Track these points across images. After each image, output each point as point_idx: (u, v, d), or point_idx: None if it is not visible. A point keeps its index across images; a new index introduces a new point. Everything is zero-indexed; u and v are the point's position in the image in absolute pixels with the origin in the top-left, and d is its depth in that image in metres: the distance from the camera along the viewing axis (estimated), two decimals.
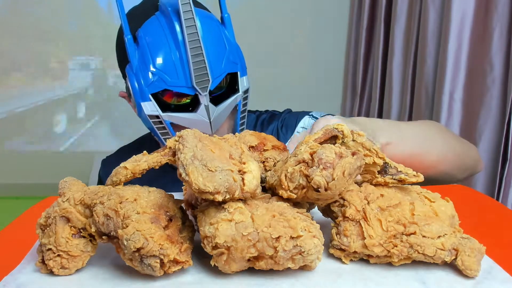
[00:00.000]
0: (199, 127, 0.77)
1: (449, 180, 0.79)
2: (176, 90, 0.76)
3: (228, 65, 0.79)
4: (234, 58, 0.81)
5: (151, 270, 0.38)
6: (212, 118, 0.77)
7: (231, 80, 0.81)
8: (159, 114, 0.77)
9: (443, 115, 1.28)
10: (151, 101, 0.76)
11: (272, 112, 1.01)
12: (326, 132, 0.44)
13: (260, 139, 0.50)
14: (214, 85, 0.77)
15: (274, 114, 0.99)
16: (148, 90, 0.76)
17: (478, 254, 0.39)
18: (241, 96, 0.81)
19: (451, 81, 1.26)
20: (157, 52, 0.75)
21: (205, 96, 0.75)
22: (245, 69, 0.83)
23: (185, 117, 0.77)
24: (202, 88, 0.75)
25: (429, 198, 0.44)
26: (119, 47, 0.83)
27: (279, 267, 0.38)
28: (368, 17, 1.83)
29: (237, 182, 0.38)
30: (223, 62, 0.78)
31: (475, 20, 1.22)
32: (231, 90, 0.81)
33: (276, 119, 0.96)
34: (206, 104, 0.76)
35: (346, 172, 0.37)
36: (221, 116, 0.79)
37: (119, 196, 0.40)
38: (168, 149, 0.43)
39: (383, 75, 1.71)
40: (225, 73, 0.78)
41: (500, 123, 1.15)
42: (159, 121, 0.78)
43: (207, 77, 0.74)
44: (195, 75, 0.74)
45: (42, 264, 0.41)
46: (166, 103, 0.78)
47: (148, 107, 0.77)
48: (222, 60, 0.78)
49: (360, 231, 0.41)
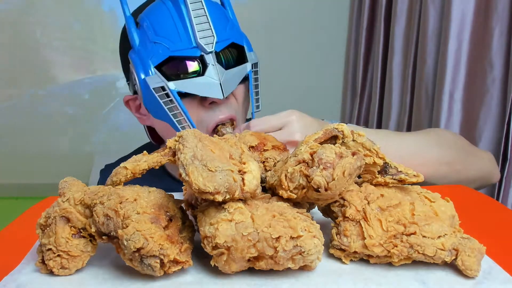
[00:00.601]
0: (209, 91, 0.73)
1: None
2: (181, 54, 0.73)
3: (233, 35, 0.77)
4: (240, 33, 0.80)
5: (151, 270, 0.38)
6: (222, 79, 0.73)
7: (239, 54, 0.79)
8: (165, 84, 0.72)
9: (443, 115, 1.28)
10: (156, 73, 0.73)
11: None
12: (326, 132, 0.44)
13: (260, 139, 0.50)
14: (220, 47, 0.74)
15: None
16: (152, 62, 0.73)
17: (478, 254, 0.39)
18: (250, 67, 0.79)
19: (451, 81, 1.26)
20: (159, 23, 0.74)
21: (210, 54, 0.73)
22: (250, 47, 0.82)
23: (193, 82, 0.73)
24: (207, 45, 0.72)
25: (429, 198, 0.44)
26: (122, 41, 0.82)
27: (279, 267, 0.38)
28: (368, 17, 1.82)
29: (237, 182, 0.38)
30: (226, 29, 0.77)
31: (475, 20, 1.22)
32: (240, 61, 0.79)
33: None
34: (214, 64, 0.73)
35: (346, 172, 0.37)
36: (231, 81, 0.76)
37: (119, 196, 0.40)
38: (168, 149, 0.43)
39: (383, 75, 1.71)
40: (230, 39, 0.76)
41: (500, 123, 1.15)
42: (165, 94, 0.73)
43: (211, 34, 0.72)
44: (198, 31, 0.71)
45: (42, 264, 0.41)
46: (173, 76, 0.74)
47: (153, 80, 0.73)
48: (225, 27, 0.77)
49: (360, 231, 0.41)
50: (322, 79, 2.18)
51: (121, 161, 1.06)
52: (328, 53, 2.18)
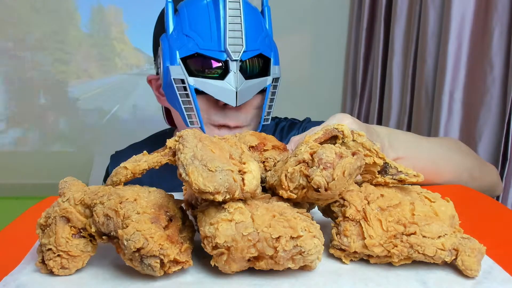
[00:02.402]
0: (224, 96, 0.75)
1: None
2: (207, 54, 0.74)
3: (263, 46, 0.79)
4: (270, 45, 0.81)
5: (151, 270, 0.38)
6: (239, 88, 0.75)
7: (264, 65, 0.81)
8: (185, 77, 0.75)
9: (443, 115, 1.28)
10: (180, 65, 0.75)
11: (292, 121, 1.01)
12: (326, 132, 0.44)
13: (260, 139, 0.50)
14: (247, 56, 0.76)
15: (294, 123, 0.99)
16: (179, 53, 0.75)
17: (478, 254, 0.39)
18: (271, 81, 0.81)
19: (451, 81, 1.26)
20: (195, 18, 0.76)
21: (235, 62, 0.74)
22: (277, 60, 0.83)
23: (211, 83, 0.75)
24: (234, 53, 0.74)
25: (429, 198, 0.44)
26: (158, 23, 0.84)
27: (279, 267, 0.38)
28: (368, 17, 1.82)
29: (237, 182, 0.38)
30: (258, 40, 0.78)
31: (475, 20, 1.22)
32: (263, 73, 0.80)
33: (296, 127, 0.96)
34: (235, 72, 0.74)
35: (346, 172, 0.37)
36: (248, 91, 0.77)
37: (119, 196, 0.40)
38: (168, 149, 0.43)
39: (383, 75, 1.71)
40: (258, 50, 0.77)
41: (500, 123, 1.15)
42: (183, 87, 0.76)
43: (241, 42, 0.74)
44: (229, 38, 0.73)
45: (42, 264, 0.41)
46: (195, 72, 0.76)
47: (176, 70, 0.75)
48: (257, 38, 0.78)
49: (360, 231, 0.41)
50: (322, 79, 2.18)
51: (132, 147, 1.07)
52: (328, 53, 2.18)
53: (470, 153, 0.83)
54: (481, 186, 0.78)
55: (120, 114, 2.24)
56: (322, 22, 2.17)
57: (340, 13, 2.11)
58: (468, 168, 0.76)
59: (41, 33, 2.15)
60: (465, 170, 0.75)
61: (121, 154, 1.02)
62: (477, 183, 0.77)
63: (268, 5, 0.83)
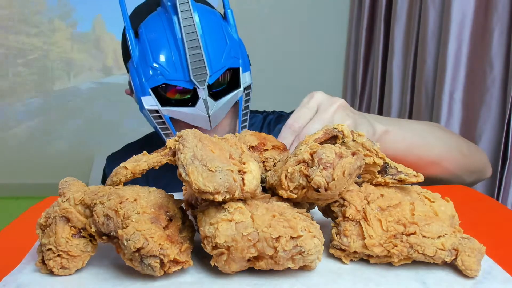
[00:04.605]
0: (197, 122, 0.77)
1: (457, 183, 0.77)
2: (175, 84, 0.76)
3: (228, 60, 0.78)
4: (236, 53, 0.80)
5: (151, 270, 0.38)
6: (211, 113, 0.76)
7: (233, 76, 0.80)
8: (158, 108, 0.77)
9: (443, 115, 1.28)
10: (151, 95, 0.76)
11: (279, 113, 1.01)
12: (326, 132, 0.44)
13: (260, 139, 0.50)
14: (213, 79, 0.76)
15: (281, 115, 0.99)
16: (148, 85, 0.76)
17: (478, 254, 0.39)
18: (242, 92, 0.81)
19: (451, 81, 1.26)
20: (156, 47, 0.76)
21: (203, 90, 0.75)
22: (247, 65, 0.83)
23: (183, 112, 0.77)
24: (200, 81, 0.75)
25: (429, 198, 0.44)
26: (123, 43, 0.84)
27: (279, 267, 0.38)
28: (368, 17, 1.83)
29: (237, 182, 0.38)
30: (223, 57, 0.77)
31: (475, 20, 1.22)
32: (233, 85, 0.80)
33: (283, 119, 0.97)
34: (204, 98, 0.76)
35: (346, 172, 0.37)
36: (221, 111, 0.79)
37: (119, 196, 0.40)
38: (168, 149, 0.43)
39: (383, 75, 1.71)
40: (224, 67, 0.77)
41: (500, 123, 1.15)
42: (158, 116, 0.78)
43: (204, 71, 0.74)
44: (192, 69, 0.74)
45: (42, 264, 0.41)
46: (166, 98, 0.77)
47: (148, 102, 0.77)
48: (222, 55, 0.77)
49: (360, 231, 0.41)
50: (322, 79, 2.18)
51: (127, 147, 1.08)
52: (328, 53, 2.18)
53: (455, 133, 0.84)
54: (472, 164, 0.79)
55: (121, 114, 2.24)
56: (322, 22, 2.17)
57: (340, 13, 2.11)
58: (456, 143, 0.77)
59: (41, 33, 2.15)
60: (453, 144, 0.76)
61: (117, 155, 1.02)
62: (467, 160, 0.77)
63: (230, 7, 0.82)
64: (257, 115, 1.01)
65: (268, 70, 2.15)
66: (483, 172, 0.83)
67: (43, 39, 2.16)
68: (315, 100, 0.61)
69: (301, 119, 0.59)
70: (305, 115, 0.59)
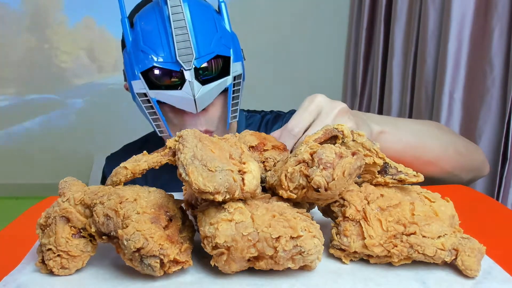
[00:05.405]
0: (184, 105, 0.78)
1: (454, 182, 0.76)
2: (162, 66, 0.77)
3: (218, 47, 0.79)
4: (227, 43, 0.81)
5: (151, 270, 0.38)
6: (196, 95, 0.77)
7: (224, 65, 0.81)
8: (146, 91, 0.78)
9: (443, 115, 1.28)
10: (140, 79, 0.78)
11: (277, 113, 1.01)
12: (326, 132, 0.44)
13: (260, 139, 0.50)
14: (201, 63, 0.77)
15: (279, 115, 0.99)
16: (138, 68, 0.77)
17: (478, 254, 0.39)
18: (232, 80, 0.81)
19: (451, 81, 1.26)
20: (147, 33, 0.78)
21: (189, 71, 0.76)
22: (239, 55, 0.83)
23: (170, 94, 0.78)
24: (186, 63, 0.75)
25: (429, 198, 0.44)
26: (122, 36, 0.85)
27: (279, 267, 0.38)
28: (368, 17, 1.83)
29: (237, 182, 0.38)
30: (211, 42, 0.78)
31: (475, 20, 1.22)
32: (222, 74, 0.81)
33: (280, 119, 0.97)
34: (190, 80, 0.76)
35: (346, 172, 0.37)
36: (208, 96, 0.79)
37: (119, 196, 0.40)
38: (168, 149, 0.43)
39: (383, 75, 1.71)
40: (213, 53, 0.78)
41: (500, 123, 1.16)
42: (146, 100, 0.79)
43: (190, 52, 0.75)
44: (178, 49, 0.75)
45: (42, 264, 0.41)
46: (156, 83, 0.78)
47: (137, 86, 0.78)
48: (210, 40, 0.78)
49: (360, 231, 0.41)
50: (322, 78, 2.18)
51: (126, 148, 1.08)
52: (328, 52, 2.18)
53: (452, 131, 0.84)
54: (469, 163, 0.79)
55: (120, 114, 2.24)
56: (322, 22, 2.17)
57: (340, 13, 2.11)
58: (452, 142, 0.77)
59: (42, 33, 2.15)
60: (450, 144, 0.76)
61: (116, 155, 1.02)
62: (464, 159, 0.77)
63: (223, 0, 0.83)
64: (255, 115, 1.01)
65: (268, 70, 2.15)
66: (481, 170, 0.83)
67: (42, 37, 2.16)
68: (316, 104, 0.60)
69: (302, 123, 0.58)
70: (305, 119, 0.58)
